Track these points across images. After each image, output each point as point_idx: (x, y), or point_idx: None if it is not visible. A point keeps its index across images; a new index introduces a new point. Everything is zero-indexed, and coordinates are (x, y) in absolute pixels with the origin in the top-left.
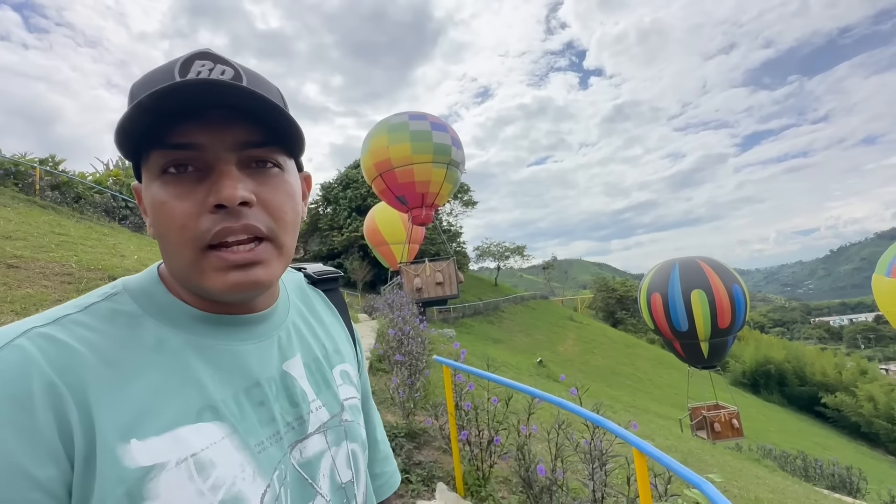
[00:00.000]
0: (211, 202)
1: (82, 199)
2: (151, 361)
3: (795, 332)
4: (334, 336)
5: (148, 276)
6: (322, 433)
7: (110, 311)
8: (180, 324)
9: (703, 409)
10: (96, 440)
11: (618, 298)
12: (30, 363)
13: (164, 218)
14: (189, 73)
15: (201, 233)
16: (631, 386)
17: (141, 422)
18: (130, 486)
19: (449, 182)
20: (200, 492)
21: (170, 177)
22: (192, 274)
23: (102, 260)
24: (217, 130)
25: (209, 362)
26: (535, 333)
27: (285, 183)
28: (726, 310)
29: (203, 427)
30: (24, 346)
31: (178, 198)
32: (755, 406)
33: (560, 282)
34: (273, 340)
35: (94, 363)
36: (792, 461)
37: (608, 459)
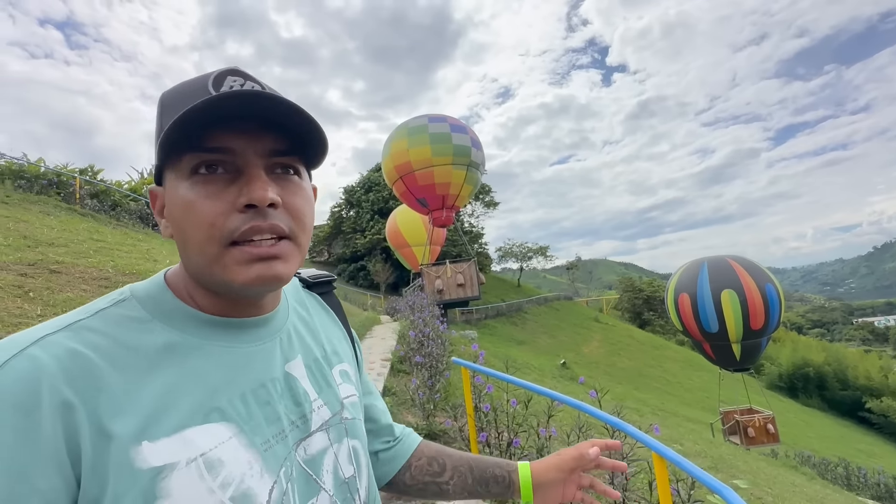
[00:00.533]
0: (242, 202)
1: (119, 207)
2: (160, 365)
3: (836, 334)
4: (332, 337)
5: (155, 282)
6: (324, 431)
7: (119, 317)
8: (187, 328)
9: (736, 414)
10: (109, 445)
11: (645, 299)
12: (41, 373)
13: (192, 216)
14: (222, 87)
15: (229, 230)
16: (659, 389)
17: (152, 424)
18: (143, 486)
19: (469, 183)
20: (211, 489)
21: (200, 177)
22: (215, 269)
23: (137, 265)
24: (249, 138)
25: (216, 364)
26: (559, 335)
27: (304, 189)
28: (759, 310)
29: (211, 427)
30: (37, 355)
31: (209, 197)
32: (793, 410)
33: (585, 282)
34: (275, 343)
35: (105, 369)
36: (833, 469)
37: (629, 463)
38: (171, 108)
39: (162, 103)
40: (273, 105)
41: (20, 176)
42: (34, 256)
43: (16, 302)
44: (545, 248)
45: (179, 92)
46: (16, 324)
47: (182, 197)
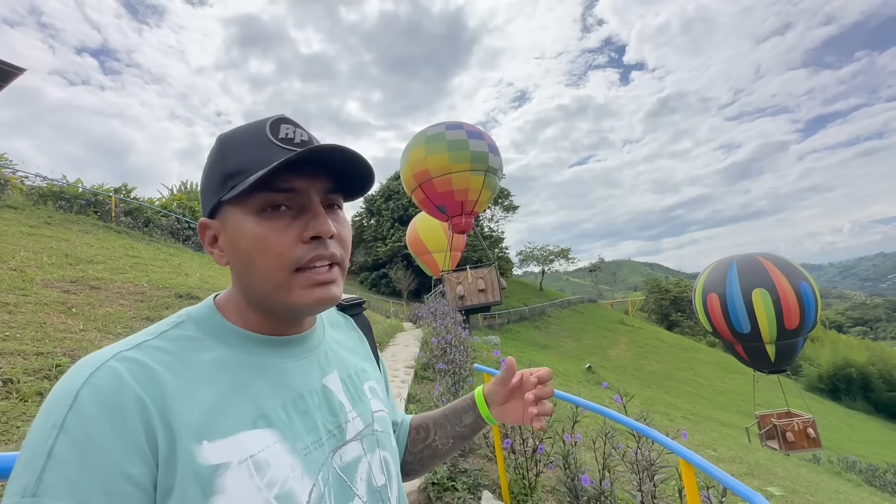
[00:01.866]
0: (308, 234)
1: (151, 223)
2: (214, 376)
3: (880, 332)
4: (361, 356)
5: (206, 307)
6: (359, 441)
7: (179, 336)
8: (235, 345)
9: (773, 417)
10: (176, 442)
11: (672, 300)
12: (121, 380)
13: (261, 247)
14: (279, 133)
15: (296, 258)
16: (690, 392)
17: (209, 427)
18: (203, 480)
19: (487, 189)
20: (258, 488)
21: (268, 213)
22: (280, 292)
23: (170, 279)
24: (311, 179)
25: (261, 377)
26: (584, 338)
27: (346, 221)
28: (794, 309)
29: (258, 433)
30: (115, 366)
31: (277, 231)
32: (835, 414)
33: (608, 284)
34: (314, 358)
35: (169, 379)
36: (881, 475)
37: (657, 470)
38: (234, 150)
39: (221, 145)
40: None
41: (61, 197)
42: (76, 274)
43: (60, 317)
44: (567, 250)
45: (239, 135)
46: (61, 338)
47: (251, 230)
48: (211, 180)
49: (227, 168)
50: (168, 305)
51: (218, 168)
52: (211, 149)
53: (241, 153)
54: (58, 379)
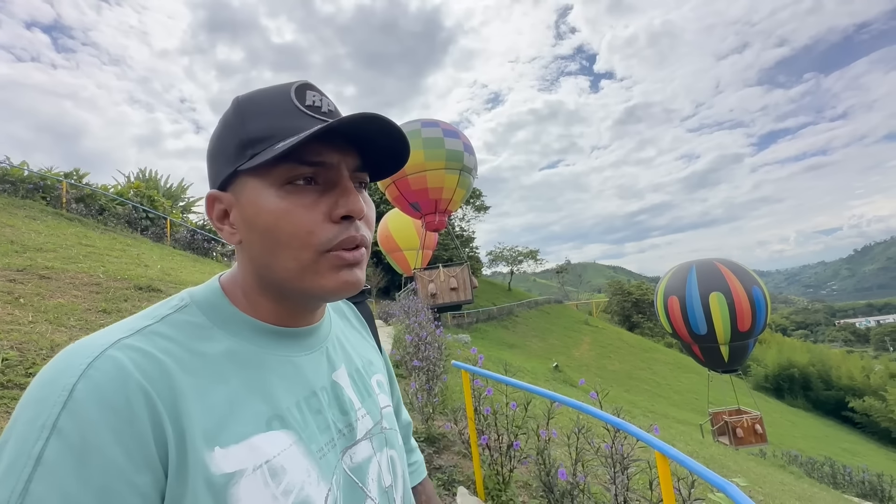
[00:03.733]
0: (340, 213)
1: (106, 212)
2: (224, 372)
3: (819, 335)
4: (367, 348)
5: (211, 289)
6: (368, 439)
7: (183, 323)
8: (245, 335)
9: (725, 415)
10: (187, 448)
11: (633, 302)
12: (126, 374)
13: (287, 224)
14: (305, 100)
15: (327, 239)
16: (649, 391)
17: (221, 430)
18: (216, 491)
19: (462, 188)
20: (274, 496)
21: (294, 187)
22: (304, 275)
23: (128, 270)
24: (342, 154)
25: (273, 372)
26: (550, 338)
27: (370, 201)
28: (746, 312)
29: (273, 435)
30: (118, 356)
31: (305, 207)
32: (779, 411)
33: (574, 286)
34: (322, 352)
35: (178, 374)
36: (819, 468)
37: (630, 464)
38: (256, 115)
39: (239, 108)
40: (377, 129)
41: (3, 180)
42: (23, 262)
43: (6, 308)
44: (535, 251)
45: (261, 99)
46: (7, 330)
47: (274, 205)
48: (225, 147)
49: (246, 134)
50: (126, 298)
51: (235, 134)
52: (225, 112)
53: (263, 118)
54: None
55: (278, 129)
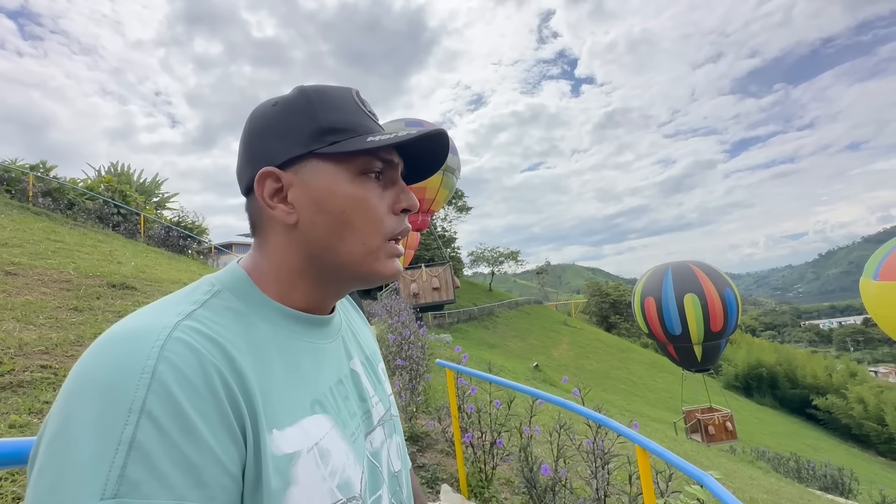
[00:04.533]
0: (401, 206)
1: (75, 206)
2: (272, 355)
3: (786, 336)
4: (370, 337)
5: (238, 275)
6: (381, 426)
7: (223, 308)
8: (278, 322)
9: (698, 413)
10: (259, 428)
11: (611, 303)
12: (200, 355)
13: (362, 210)
14: (364, 105)
15: (390, 229)
16: (625, 390)
17: (279, 413)
18: (282, 471)
19: (445, 188)
20: (324, 477)
21: (366, 178)
22: (368, 258)
23: (100, 267)
24: (400, 157)
25: (308, 358)
26: (530, 338)
27: None
28: (719, 313)
29: (317, 418)
30: (186, 339)
31: (378, 197)
32: (748, 409)
33: (554, 286)
34: (340, 341)
35: (237, 358)
36: (785, 463)
37: (611, 459)
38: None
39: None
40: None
41: None
42: None
43: None
44: (516, 252)
45: (330, 94)
46: None
47: (350, 191)
48: (294, 129)
49: (327, 122)
50: (99, 295)
51: (310, 119)
52: (285, 97)
53: (340, 112)
54: None
55: (355, 124)
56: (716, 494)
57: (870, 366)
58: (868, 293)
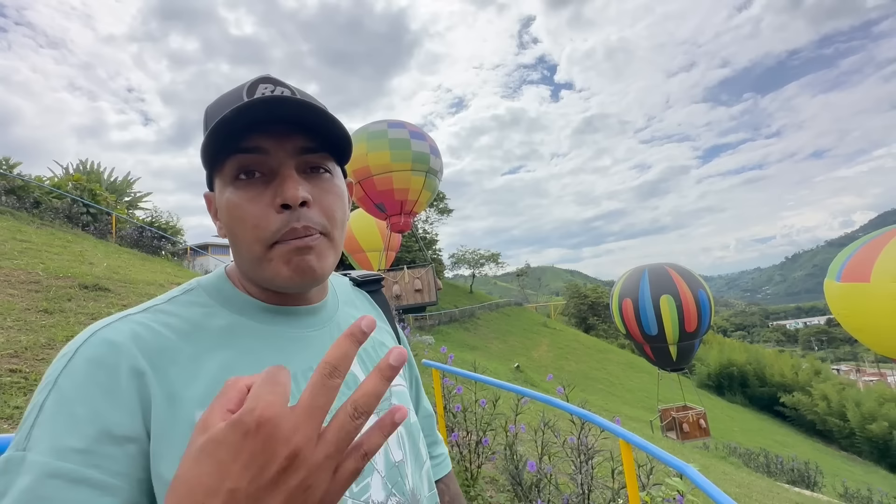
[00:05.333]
0: (278, 202)
1: (42, 205)
2: (222, 343)
3: (755, 336)
4: (380, 331)
5: (217, 275)
6: (375, 414)
7: (188, 302)
8: (246, 313)
9: (673, 411)
10: (178, 409)
11: (589, 305)
12: (120, 341)
13: (237, 219)
14: (255, 93)
15: (272, 232)
16: (603, 390)
17: (211, 394)
18: None
19: (427, 190)
20: None
21: (241, 182)
22: (260, 266)
23: (71, 268)
24: (279, 139)
25: (271, 346)
26: (510, 340)
27: (335, 186)
28: (693, 314)
29: None
30: (119, 327)
31: (250, 201)
32: (720, 407)
33: (534, 289)
34: (326, 331)
35: (175, 342)
36: (755, 458)
37: (594, 454)
38: (211, 119)
39: (206, 116)
40: (296, 108)
41: None
42: None
43: None
44: (497, 255)
45: (219, 102)
46: None
47: (228, 200)
48: (202, 152)
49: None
50: (71, 297)
51: (204, 135)
52: None
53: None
54: None
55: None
56: (697, 484)
57: (833, 364)
58: (832, 294)
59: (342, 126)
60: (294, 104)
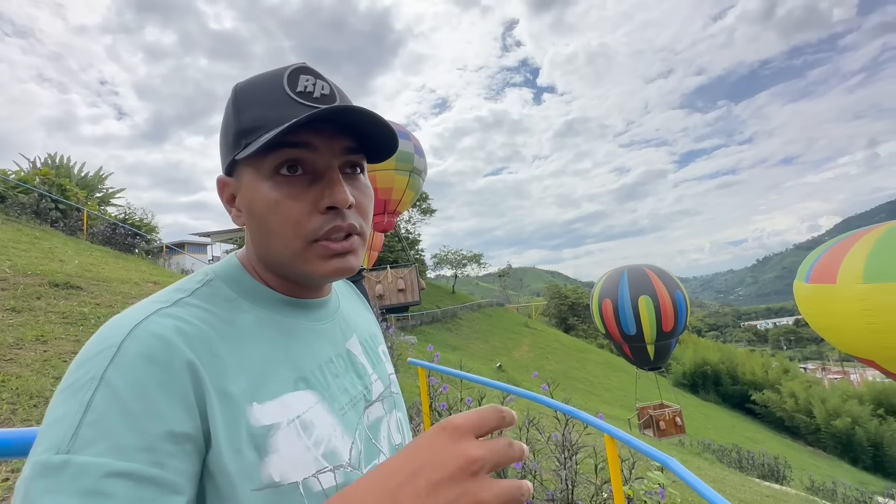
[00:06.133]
0: (325, 204)
1: (7, 200)
2: (255, 337)
3: (728, 336)
4: (370, 321)
5: (232, 265)
6: (380, 402)
7: (211, 295)
8: (268, 306)
9: (650, 409)
10: (229, 404)
11: (569, 305)
12: (167, 334)
13: (277, 214)
14: (297, 86)
15: (313, 229)
16: (583, 389)
17: (258, 388)
18: (258, 441)
19: (411, 190)
20: (307, 447)
21: (282, 178)
22: (296, 262)
23: (40, 265)
24: (329, 139)
25: (297, 339)
26: (492, 340)
27: (367, 186)
28: (670, 314)
29: (300, 394)
30: (161, 321)
31: (293, 198)
32: (694, 405)
33: (515, 289)
34: (336, 322)
35: (215, 339)
36: (728, 454)
37: (578, 450)
38: (249, 104)
39: (236, 97)
40: (364, 119)
41: None
42: None
43: None
44: (479, 255)
45: (255, 87)
46: None
47: (266, 195)
48: (227, 136)
49: (241, 124)
50: (40, 295)
51: (232, 123)
52: (228, 99)
53: (255, 108)
54: None
55: (268, 119)
56: (679, 475)
57: (800, 363)
58: (800, 295)
59: (395, 137)
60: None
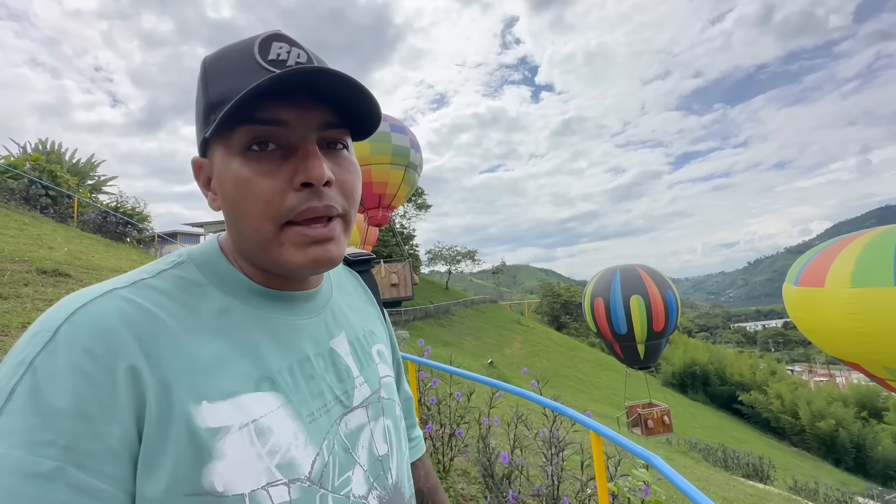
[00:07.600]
0: (299, 180)
1: None
2: (217, 329)
3: (717, 337)
4: (370, 316)
5: (210, 247)
6: (364, 408)
7: (178, 279)
8: (240, 295)
9: (639, 408)
10: (172, 401)
11: (562, 303)
12: (110, 321)
13: (246, 193)
14: (269, 54)
15: (286, 210)
16: (573, 387)
17: (210, 386)
18: (201, 444)
19: (406, 184)
20: (259, 455)
21: (253, 153)
22: (269, 248)
23: (28, 251)
24: (302, 110)
25: (267, 334)
26: (484, 336)
27: (353, 164)
28: (661, 314)
29: (261, 396)
30: (107, 305)
31: (263, 175)
32: (682, 404)
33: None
34: (321, 318)
35: (170, 326)
36: (714, 453)
37: (565, 446)
38: (217, 76)
39: (204, 70)
40: (336, 82)
41: None
42: None
43: None
44: (473, 252)
45: (224, 58)
46: None
47: (235, 173)
48: (197, 112)
49: (209, 98)
50: (28, 282)
51: (201, 97)
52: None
53: (224, 80)
54: None
55: (235, 90)
56: (662, 472)
57: (787, 365)
58: (789, 298)
59: (378, 105)
60: (335, 79)
